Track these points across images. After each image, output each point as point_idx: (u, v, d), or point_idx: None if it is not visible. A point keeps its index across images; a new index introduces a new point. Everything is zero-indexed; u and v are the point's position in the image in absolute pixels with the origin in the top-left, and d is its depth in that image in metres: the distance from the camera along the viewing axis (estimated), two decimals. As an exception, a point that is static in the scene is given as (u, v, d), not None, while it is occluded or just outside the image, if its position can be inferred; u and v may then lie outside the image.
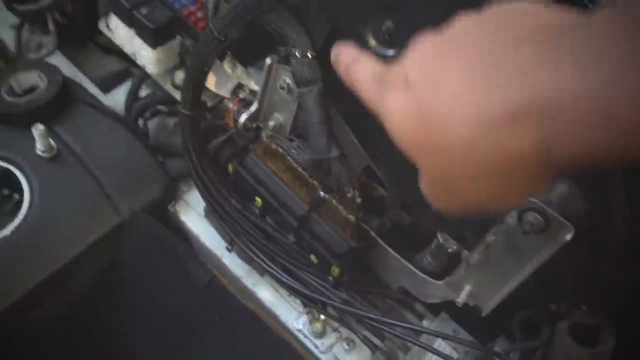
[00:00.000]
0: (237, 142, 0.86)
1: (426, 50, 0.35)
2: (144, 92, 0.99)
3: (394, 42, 0.60)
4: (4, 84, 0.91)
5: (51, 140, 0.86)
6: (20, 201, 0.88)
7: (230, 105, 0.81)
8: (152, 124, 0.95)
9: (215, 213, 0.84)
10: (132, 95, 0.92)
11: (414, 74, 0.35)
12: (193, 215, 0.93)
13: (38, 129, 0.83)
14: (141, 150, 0.91)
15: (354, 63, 0.43)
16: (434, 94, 0.33)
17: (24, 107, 0.88)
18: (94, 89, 1.02)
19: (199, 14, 0.78)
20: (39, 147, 0.85)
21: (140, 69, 0.96)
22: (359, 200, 0.69)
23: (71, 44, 1.07)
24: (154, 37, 0.76)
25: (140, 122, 0.93)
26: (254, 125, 0.76)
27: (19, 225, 0.82)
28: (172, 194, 0.93)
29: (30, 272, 0.81)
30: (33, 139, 0.86)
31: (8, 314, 0.77)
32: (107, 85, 1.03)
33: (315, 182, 0.72)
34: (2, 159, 0.86)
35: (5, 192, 0.90)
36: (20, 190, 0.88)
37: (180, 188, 0.94)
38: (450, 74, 0.33)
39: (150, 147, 0.93)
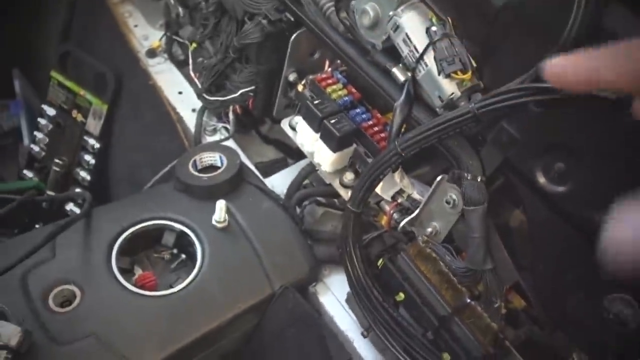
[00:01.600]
0: (385, 239, 0.97)
1: None
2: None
3: (564, 181, 0.70)
4: (190, 160, 1.07)
5: (225, 215, 0.99)
6: (186, 261, 1.02)
7: (388, 208, 0.93)
8: (306, 211, 1.08)
9: (359, 299, 0.93)
10: (297, 185, 1.05)
11: None
12: (331, 298, 1.03)
13: (220, 204, 0.97)
14: (296, 233, 1.03)
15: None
16: None
17: (206, 182, 1.03)
18: (255, 171, 1.17)
19: (375, 128, 0.91)
20: (216, 218, 0.99)
21: (301, 161, 1.12)
22: (504, 310, 0.78)
23: (240, 131, 1.24)
24: (337, 144, 0.90)
25: (298, 208, 1.06)
26: (410, 228, 0.87)
27: (188, 284, 0.95)
28: (315, 276, 1.04)
29: (191, 328, 0.91)
30: (210, 209, 1.00)
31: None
32: (266, 171, 1.18)
33: (464, 288, 0.81)
34: (183, 224, 1.00)
35: (175, 251, 1.04)
36: (189, 252, 1.01)
37: (322, 272, 1.05)
38: None
39: (303, 231, 1.05)
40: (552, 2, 0.65)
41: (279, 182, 1.16)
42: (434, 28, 0.74)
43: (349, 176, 0.95)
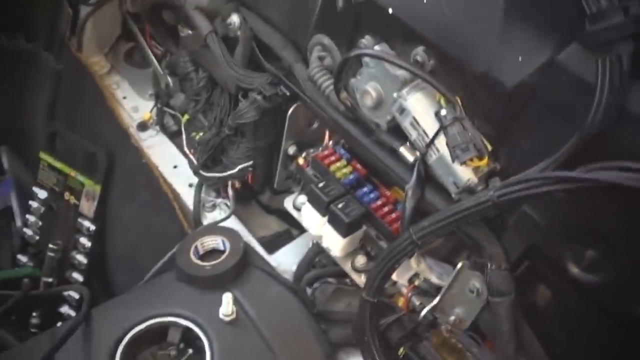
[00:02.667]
0: (404, 322, 0.91)
1: None
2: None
3: (597, 270, 0.65)
4: (191, 247, 1.01)
5: (233, 306, 0.94)
6: (194, 355, 0.96)
7: (405, 290, 0.87)
8: (317, 291, 1.02)
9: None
10: (305, 268, 0.99)
11: None
12: (348, 383, 0.97)
13: (227, 297, 0.92)
14: (309, 318, 0.97)
15: None
16: None
17: (209, 271, 0.98)
18: (259, 248, 1.12)
19: (385, 209, 0.86)
20: (223, 311, 0.93)
21: (306, 233, 1.07)
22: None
23: (240, 202, 1.19)
24: (347, 229, 0.84)
25: (308, 289, 1.00)
26: (432, 315, 0.81)
27: (199, 385, 0.89)
28: (331, 361, 0.98)
29: None
30: (215, 300, 0.94)
31: None
32: (271, 246, 1.12)
33: (495, 382, 0.76)
34: (188, 319, 0.94)
35: (182, 346, 0.97)
36: (196, 347, 0.95)
37: (339, 356, 0.99)
38: None
39: (315, 314, 0.99)
40: (570, 85, 0.60)
41: (285, 259, 1.10)
42: (443, 112, 0.69)
43: (361, 260, 0.89)
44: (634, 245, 0.61)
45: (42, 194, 1.34)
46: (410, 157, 0.78)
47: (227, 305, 0.92)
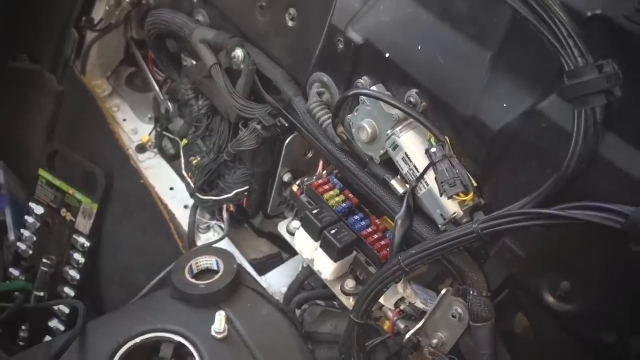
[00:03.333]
0: (389, 345, 0.96)
1: None
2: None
3: (571, 300, 0.70)
4: (186, 266, 1.06)
5: (225, 324, 0.98)
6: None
7: (391, 315, 0.92)
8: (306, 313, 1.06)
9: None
10: (295, 290, 1.04)
11: None
12: (333, 403, 1.01)
13: (220, 315, 0.95)
14: (297, 339, 1.01)
15: None
16: None
17: (204, 291, 1.02)
18: (250, 269, 1.16)
19: (375, 236, 0.92)
20: (215, 329, 0.97)
21: (297, 257, 1.12)
22: None
23: (233, 225, 1.23)
24: (338, 254, 0.90)
25: (298, 312, 1.05)
26: (416, 339, 0.86)
27: (190, 401, 0.92)
28: (317, 382, 1.02)
29: None
30: (208, 317, 0.98)
31: None
32: (262, 268, 1.17)
33: (474, 404, 0.80)
34: (181, 335, 0.98)
35: (173, 361, 1.01)
36: (187, 363, 0.99)
37: (325, 376, 1.03)
38: None
39: (303, 335, 1.03)
40: (549, 132, 0.67)
41: (275, 281, 1.15)
42: (433, 149, 0.75)
43: (350, 284, 0.94)
44: (603, 278, 0.67)
45: (38, 209, 1.37)
46: (400, 190, 0.84)
47: (219, 323, 0.96)
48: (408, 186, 0.82)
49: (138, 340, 0.97)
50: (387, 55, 0.81)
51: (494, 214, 0.71)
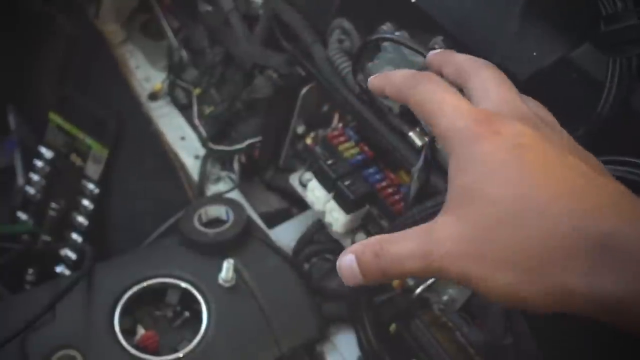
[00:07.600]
0: (398, 301, 0.95)
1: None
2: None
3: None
4: (195, 214, 1.04)
5: (233, 273, 0.97)
6: (189, 319, 0.99)
7: (401, 270, 0.91)
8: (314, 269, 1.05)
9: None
10: (304, 243, 1.03)
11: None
12: (338, 357, 1.00)
13: (229, 263, 0.95)
14: (304, 291, 1.00)
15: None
16: None
17: (212, 238, 1.01)
18: (259, 221, 1.15)
19: (389, 190, 0.90)
20: (222, 277, 0.96)
21: (306, 211, 1.10)
22: (524, 386, 0.76)
23: (243, 178, 1.22)
24: (351, 206, 0.88)
25: (306, 264, 1.04)
26: (425, 295, 0.85)
27: (195, 347, 0.91)
28: (322, 335, 1.01)
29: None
30: (216, 266, 0.97)
31: None
32: (271, 221, 1.15)
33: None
34: (188, 282, 0.97)
35: (178, 308, 1.00)
36: (194, 310, 0.98)
37: (330, 330, 1.02)
38: None
39: (310, 288, 1.02)
40: (580, 83, 0.64)
41: (284, 235, 1.13)
42: (456, 99, 0.73)
43: (361, 238, 0.93)
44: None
45: (48, 154, 1.36)
46: (418, 142, 0.82)
47: (227, 272, 0.95)
48: (427, 138, 0.80)
49: (144, 284, 0.97)
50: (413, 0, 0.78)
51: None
